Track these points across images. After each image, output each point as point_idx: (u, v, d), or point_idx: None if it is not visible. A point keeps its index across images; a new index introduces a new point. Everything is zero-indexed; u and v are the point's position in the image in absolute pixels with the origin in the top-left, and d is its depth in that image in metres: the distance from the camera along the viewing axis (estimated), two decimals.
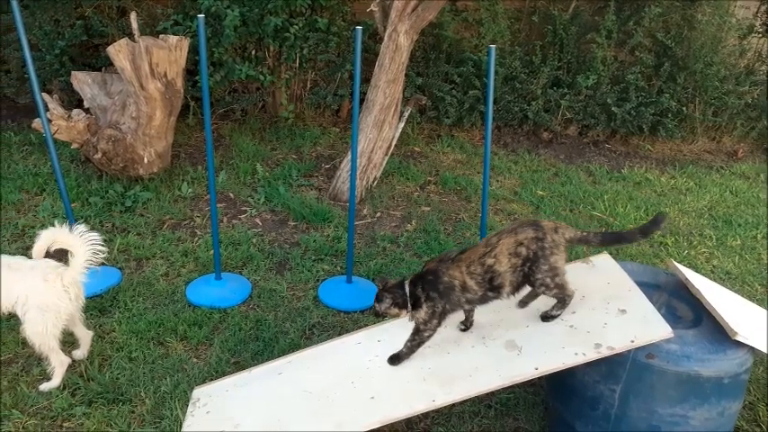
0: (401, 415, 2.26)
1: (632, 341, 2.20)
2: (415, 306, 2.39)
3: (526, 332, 2.45)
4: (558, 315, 2.44)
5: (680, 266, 2.60)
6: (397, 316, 2.45)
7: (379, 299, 2.43)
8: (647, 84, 5.88)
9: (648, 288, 2.49)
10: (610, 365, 2.26)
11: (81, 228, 2.68)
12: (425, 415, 2.66)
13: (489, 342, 2.47)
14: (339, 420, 2.28)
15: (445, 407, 2.48)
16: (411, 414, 2.29)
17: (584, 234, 2.45)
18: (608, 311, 2.40)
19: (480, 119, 5.91)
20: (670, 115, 5.87)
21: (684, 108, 5.93)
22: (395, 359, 2.48)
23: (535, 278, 2.36)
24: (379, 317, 2.54)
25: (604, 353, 2.20)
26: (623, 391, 2.24)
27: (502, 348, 2.41)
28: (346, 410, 2.33)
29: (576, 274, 2.64)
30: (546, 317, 2.45)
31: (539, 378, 2.31)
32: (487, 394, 2.66)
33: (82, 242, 2.67)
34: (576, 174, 5.35)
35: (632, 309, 2.37)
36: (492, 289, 2.37)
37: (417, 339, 2.43)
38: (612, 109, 5.75)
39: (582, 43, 5.93)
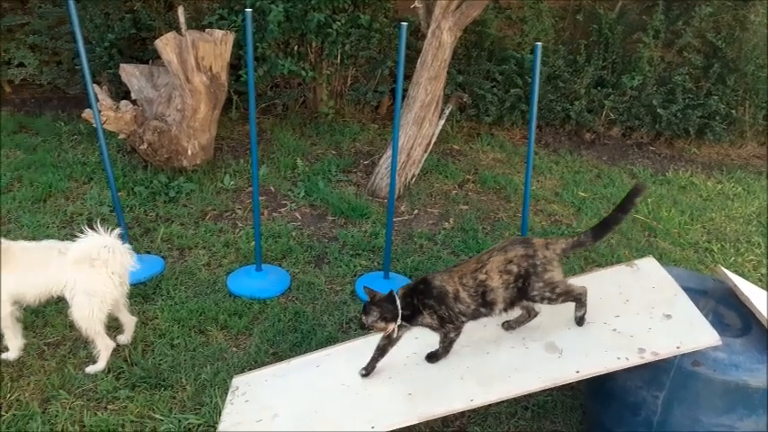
0: (439, 413, 2.26)
1: (678, 347, 2.14)
2: (414, 315, 2.37)
3: (567, 335, 2.41)
4: (584, 314, 2.41)
5: (729, 273, 2.53)
6: (383, 330, 2.40)
7: (366, 312, 2.37)
8: (695, 85, 5.74)
9: (695, 294, 2.43)
10: (653, 371, 2.21)
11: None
12: (461, 413, 2.65)
13: (529, 343, 2.44)
14: (376, 415, 2.28)
15: (481, 406, 2.47)
16: (449, 412, 2.29)
17: (577, 239, 2.41)
18: (652, 316, 2.35)
19: (521, 118, 5.84)
20: (718, 118, 5.71)
21: (734, 111, 5.76)
22: (432, 357, 2.48)
23: (532, 295, 2.34)
24: (366, 329, 2.49)
25: (648, 358, 2.16)
26: (667, 398, 2.20)
27: (542, 350, 2.38)
28: (384, 405, 2.34)
29: (620, 277, 2.61)
30: (577, 320, 2.42)
31: (577, 381, 2.27)
32: (525, 396, 2.63)
33: (114, 248, 2.74)
34: (619, 176, 5.25)
35: (678, 314, 2.32)
36: (484, 304, 2.36)
37: (447, 340, 2.44)
38: (658, 110, 5.62)
39: (628, 43, 5.82)
